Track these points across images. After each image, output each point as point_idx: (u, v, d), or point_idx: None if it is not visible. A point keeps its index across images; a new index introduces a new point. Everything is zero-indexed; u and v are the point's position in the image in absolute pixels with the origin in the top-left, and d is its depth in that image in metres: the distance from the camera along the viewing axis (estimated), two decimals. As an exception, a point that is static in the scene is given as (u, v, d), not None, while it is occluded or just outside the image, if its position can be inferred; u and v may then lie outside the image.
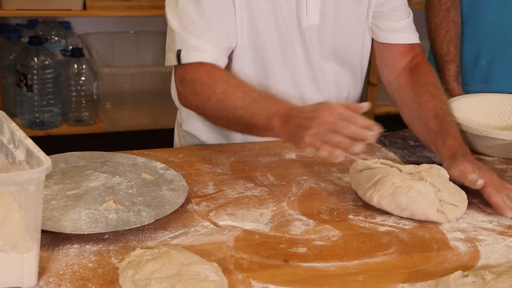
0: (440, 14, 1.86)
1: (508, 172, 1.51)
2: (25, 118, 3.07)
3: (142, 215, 1.19)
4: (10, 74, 3.09)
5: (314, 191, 1.38)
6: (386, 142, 1.62)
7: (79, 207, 1.20)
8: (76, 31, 3.31)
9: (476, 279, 1.05)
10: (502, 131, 1.54)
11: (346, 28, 1.57)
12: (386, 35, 1.61)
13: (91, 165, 1.37)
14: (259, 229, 1.22)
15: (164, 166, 1.39)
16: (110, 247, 1.14)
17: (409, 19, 1.63)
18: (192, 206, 1.28)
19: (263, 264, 1.12)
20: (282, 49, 1.53)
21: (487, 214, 1.32)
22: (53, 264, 1.08)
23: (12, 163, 1.08)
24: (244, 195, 1.34)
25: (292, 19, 1.51)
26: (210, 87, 1.39)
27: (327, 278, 1.09)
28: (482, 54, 1.86)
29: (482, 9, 1.83)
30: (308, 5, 1.51)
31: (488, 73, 1.86)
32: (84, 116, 3.17)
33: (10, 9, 2.91)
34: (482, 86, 1.86)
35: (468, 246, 1.20)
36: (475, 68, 1.88)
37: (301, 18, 1.52)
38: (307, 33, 1.53)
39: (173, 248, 1.09)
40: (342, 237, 1.21)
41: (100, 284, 1.04)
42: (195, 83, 1.42)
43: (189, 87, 1.43)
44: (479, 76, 1.88)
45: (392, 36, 1.61)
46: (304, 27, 1.52)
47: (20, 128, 1.08)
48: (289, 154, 1.54)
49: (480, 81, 1.87)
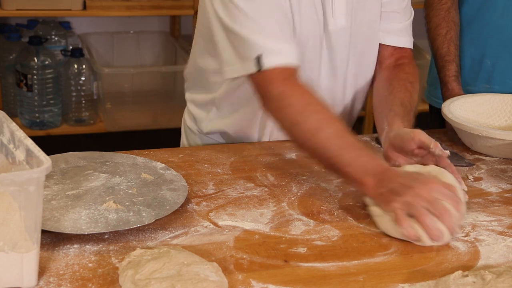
0: (441, 13, 1.86)
1: (508, 172, 1.52)
2: (25, 118, 3.07)
3: (142, 215, 1.19)
4: (10, 74, 3.09)
5: (314, 191, 1.38)
6: (386, 142, 1.62)
7: (79, 207, 1.20)
8: (76, 31, 3.31)
9: (476, 279, 1.05)
10: (502, 131, 1.54)
11: (370, 29, 1.56)
12: (381, 36, 1.60)
13: (91, 165, 1.37)
14: (259, 229, 1.22)
15: (164, 166, 1.39)
16: (110, 247, 1.14)
17: (407, 23, 1.62)
18: (192, 206, 1.28)
19: (263, 264, 1.12)
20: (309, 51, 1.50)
21: (487, 214, 1.32)
22: (53, 264, 1.08)
23: (12, 163, 1.08)
24: (244, 195, 1.34)
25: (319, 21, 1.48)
26: (301, 113, 1.33)
27: (327, 278, 1.09)
28: (487, 54, 1.86)
29: (487, 10, 1.83)
30: (334, 8, 1.48)
31: (492, 74, 1.86)
32: (84, 116, 3.17)
33: (10, 9, 2.91)
34: (486, 87, 1.86)
35: (468, 246, 1.20)
36: (479, 68, 1.87)
37: (327, 20, 1.49)
38: (333, 36, 1.51)
39: (173, 248, 1.09)
40: (342, 237, 1.21)
41: (100, 284, 1.04)
42: (283, 101, 1.35)
43: (275, 103, 1.36)
44: (483, 77, 1.88)
45: (386, 38, 1.61)
46: (331, 30, 1.50)
47: (20, 128, 1.08)
48: (289, 154, 1.54)
49: (485, 82, 1.87)
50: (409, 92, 1.53)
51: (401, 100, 1.49)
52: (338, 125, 1.33)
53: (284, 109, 1.35)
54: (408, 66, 1.61)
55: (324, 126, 1.32)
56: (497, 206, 1.36)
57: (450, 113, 1.62)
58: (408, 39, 1.64)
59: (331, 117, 1.35)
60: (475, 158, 1.58)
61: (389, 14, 1.59)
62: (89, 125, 3.18)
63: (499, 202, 1.38)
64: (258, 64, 1.36)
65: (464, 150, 1.62)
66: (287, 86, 1.36)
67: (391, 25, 1.60)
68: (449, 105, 1.66)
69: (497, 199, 1.39)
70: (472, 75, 1.89)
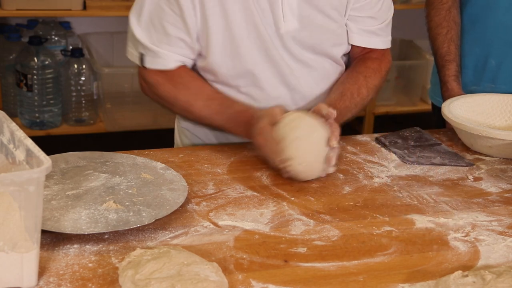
0: (442, 13, 1.86)
1: (508, 172, 1.52)
2: (25, 118, 3.07)
3: (142, 215, 1.19)
4: (10, 74, 3.09)
5: (315, 191, 1.38)
6: (386, 142, 1.62)
7: (79, 207, 1.20)
8: (76, 31, 3.32)
9: (476, 279, 1.05)
10: (502, 131, 1.54)
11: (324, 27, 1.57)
12: (355, 37, 1.62)
13: (91, 165, 1.37)
14: (259, 229, 1.22)
15: (164, 166, 1.39)
16: (110, 247, 1.14)
17: (382, 25, 1.63)
18: (192, 206, 1.28)
19: (263, 264, 1.12)
20: (264, 51, 1.53)
21: (487, 214, 1.32)
22: (53, 264, 1.08)
23: (12, 163, 1.08)
24: (244, 195, 1.34)
25: (270, 25, 1.51)
26: (172, 94, 1.54)
27: (327, 278, 1.09)
28: (491, 54, 1.86)
29: (492, 9, 1.83)
30: (284, 12, 1.51)
31: (497, 73, 1.86)
32: (84, 116, 3.17)
33: (10, 9, 2.91)
34: (491, 86, 1.86)
35: (468, 246, 1.20)
36: (484, 68, 1.87)
37: (278, 24, 1.51)
38: (285, 37, 1.53)
39: (173, 248, 1.09)
40: (342, 237, 1.21)
41: (100, 284, 1.04)
42: (157, 88, 1.55)
43: (152, 89, 1.57)
44: (488, 76, 1.88)
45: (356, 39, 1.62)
46: (282, 33, 1.52)
47: (20, 128, 1.08)
48: (289, 154, 1.54)
49: (490, 81, 1.87)
50: (357, 85, 1.60)
51: (344, 90, 1.58)
52: (204, 93, 1.53)
53: (160, 94, 1.56)
54: (372, 62, 1.64)
55: (193, 100, 1.53)
56: (497, 206, 1.36)
57: (450, 113, 1.62)
58: (380, 40, 1.65)
59: (197, 90, 1.53)
60: (475, 158, 1.59)
61: (361, 18, 1.60)
62: (89, 125, 3.18)
63: (499, 202, 1.38)
64: (141, 61, 1.54)
65: (464, 150, 1.62)
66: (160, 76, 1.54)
67: (363, 27, 1.61)
68: (449, 105, 1.66)
69: (497, 199, 1.39)
70: (477, 74, 1.89)
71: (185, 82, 1.54)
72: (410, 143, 1.63)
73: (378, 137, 1.65)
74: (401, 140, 1.64)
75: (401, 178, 1.46)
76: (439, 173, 1.49)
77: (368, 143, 1.63)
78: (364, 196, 1.37)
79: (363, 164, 1.52)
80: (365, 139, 1.66)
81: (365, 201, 1.34)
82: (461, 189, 1.42)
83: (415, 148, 1.61)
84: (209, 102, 1.53)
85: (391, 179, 1.45)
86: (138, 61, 1.55)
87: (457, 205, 1.35)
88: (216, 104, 1.52)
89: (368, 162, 1.53)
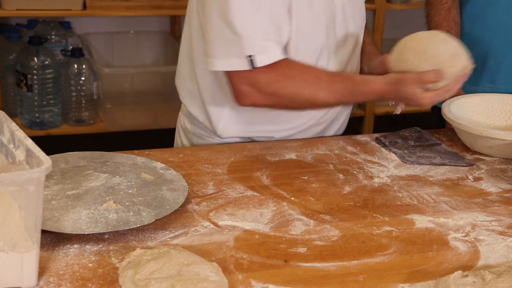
0: (442, 13, 1.86)
1: (508, 172, 1.52)
2: (25, 118, 3.07)
3: (142, 215, 1.19)
4: (10, 74, 3.09)
5: (315, 191, 1.38)
6: (386, 142, 1.62)
7: (79, 207, 1.20)
8: (76, 31, 3.32)
9: (476, 279, 1.05)
10: (502, 131, 1.54)
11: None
12: None
13: (91, 165, 1.37)
14: (259, 229, 1.22)
15: (164, 166, 1.39)
16: (110, 247, 1.14)
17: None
18: (192, 206, 1.28)
19: (263, 264, 1.12)
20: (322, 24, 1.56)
21: (487, 214, 1.32)
22: (53, 264, 1.08)
23: (12, 163, 1.08)
24: (244, 195, 1.34)
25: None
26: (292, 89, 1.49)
27: (327, 278, 1.09)
28: (491, 54, 1.86)
29: (491, 9, 1.83)
30: None
31: (496, 73, 1.86)
32: (84, 116, 3.17)
33: (10, 9, 2.91)
34: (490, 86, 1.86)
35: (468, 246, 1.20)
36: (483, 68, 1.87)
37: None
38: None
39: (173, 248, 1.09)
40: (342, 237, 1.21)
41: (100, 284, 1.04)
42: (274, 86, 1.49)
43: (265, 90, 1.49)
44: (487, 76, 1.87)
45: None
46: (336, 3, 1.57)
47: (20, 128, 1.08)
48: (289, 154, 1.54)
49: (489, 81, 1.87)
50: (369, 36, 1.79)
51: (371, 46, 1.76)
52: (322, 83, 1.50)
53: (278, 92, 1.49)
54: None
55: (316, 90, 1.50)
56: (497, 206, 1.36)
57: (450, 113, 1.62)
58: None
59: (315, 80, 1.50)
60: (475, 158, 1.59)
61: None
62: (89, 125, 3.18)
63: (499, 202, 1.38)
64: (251, 62, 1.44)
65: (464, 150, 1.62)
66: (273, 73, 1.48)
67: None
68: (449, 105, 1.66)
69: (497, 199, 1.39)
70: (476, 74, 1.89)
71: (298, 74, 1.50)
72: (410, 143, 1.63)
73: (378, 137, 1.65)
74: (401, 140, 1.64)
75: (401, 178, 1.46)
76: (439, 173, 1.49)
77: (368, 143, 1.63)
78: (364, 196, 1.37)
79: (363, 164, 1.52)
80: (365, 139, 1.66)
81: (365, 201, 1.34)
82: (461, 189, 1.42)
83: (415, 148, 1.61)
84: (332, 87, 1.50)
85: (391, 179, 1.45)
86: (248, 65, 1.45)
87: (457, 205, 1.35)
88: (339, 88, 1.50)
89: (368, 162, 1.53)
